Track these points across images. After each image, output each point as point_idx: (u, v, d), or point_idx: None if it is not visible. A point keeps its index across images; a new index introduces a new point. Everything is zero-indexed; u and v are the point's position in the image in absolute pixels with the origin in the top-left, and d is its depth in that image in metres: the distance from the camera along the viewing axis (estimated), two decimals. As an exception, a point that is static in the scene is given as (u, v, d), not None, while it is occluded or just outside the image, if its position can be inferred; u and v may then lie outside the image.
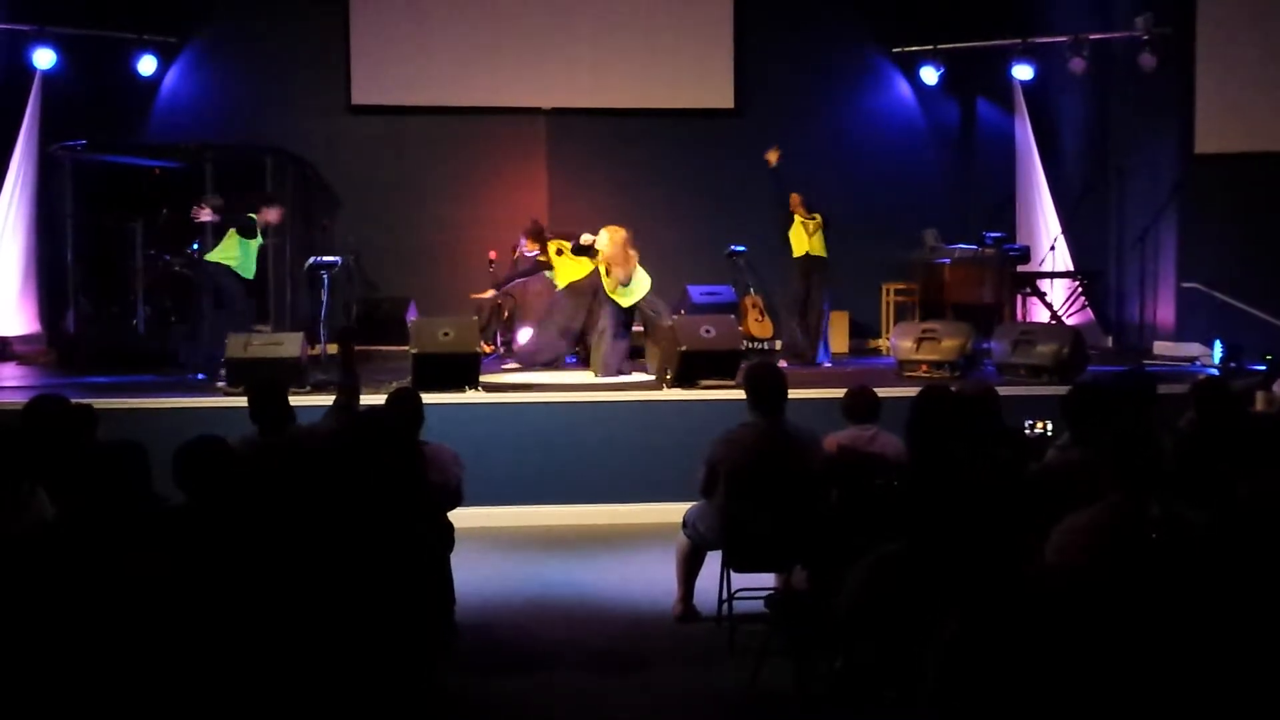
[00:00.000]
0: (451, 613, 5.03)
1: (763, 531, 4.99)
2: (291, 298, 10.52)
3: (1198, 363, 9.74)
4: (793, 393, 5.41)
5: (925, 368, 8.80)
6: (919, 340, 8.94)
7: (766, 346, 10.72)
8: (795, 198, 9.95)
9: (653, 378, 8.62)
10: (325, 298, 9.54)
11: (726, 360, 8.19)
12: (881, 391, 5.78)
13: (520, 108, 11.81)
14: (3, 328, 10.74)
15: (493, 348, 10.70)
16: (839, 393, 5.89)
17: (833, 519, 4.64)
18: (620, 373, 8.89)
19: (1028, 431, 5.40)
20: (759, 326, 10.92)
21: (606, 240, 8.93)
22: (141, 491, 3.79)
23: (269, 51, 11.64)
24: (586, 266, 9.59)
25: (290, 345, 8.10)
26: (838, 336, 11.18)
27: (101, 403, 6.29)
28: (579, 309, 9.59)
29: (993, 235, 11.16)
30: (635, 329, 9.37)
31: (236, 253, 9.00)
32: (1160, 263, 10.84)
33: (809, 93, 12.17)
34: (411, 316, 9.91)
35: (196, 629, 3.37)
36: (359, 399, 5.64)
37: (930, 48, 11.80)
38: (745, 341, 9.61)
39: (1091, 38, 11.09)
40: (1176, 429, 5.13)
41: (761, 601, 4.79)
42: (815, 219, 9.90)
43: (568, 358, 10.26)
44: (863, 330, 11.78)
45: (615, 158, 11.77)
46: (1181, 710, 3.04)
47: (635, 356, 9.37)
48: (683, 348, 8.07)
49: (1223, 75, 10.48)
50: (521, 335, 10.60)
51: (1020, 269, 11.24)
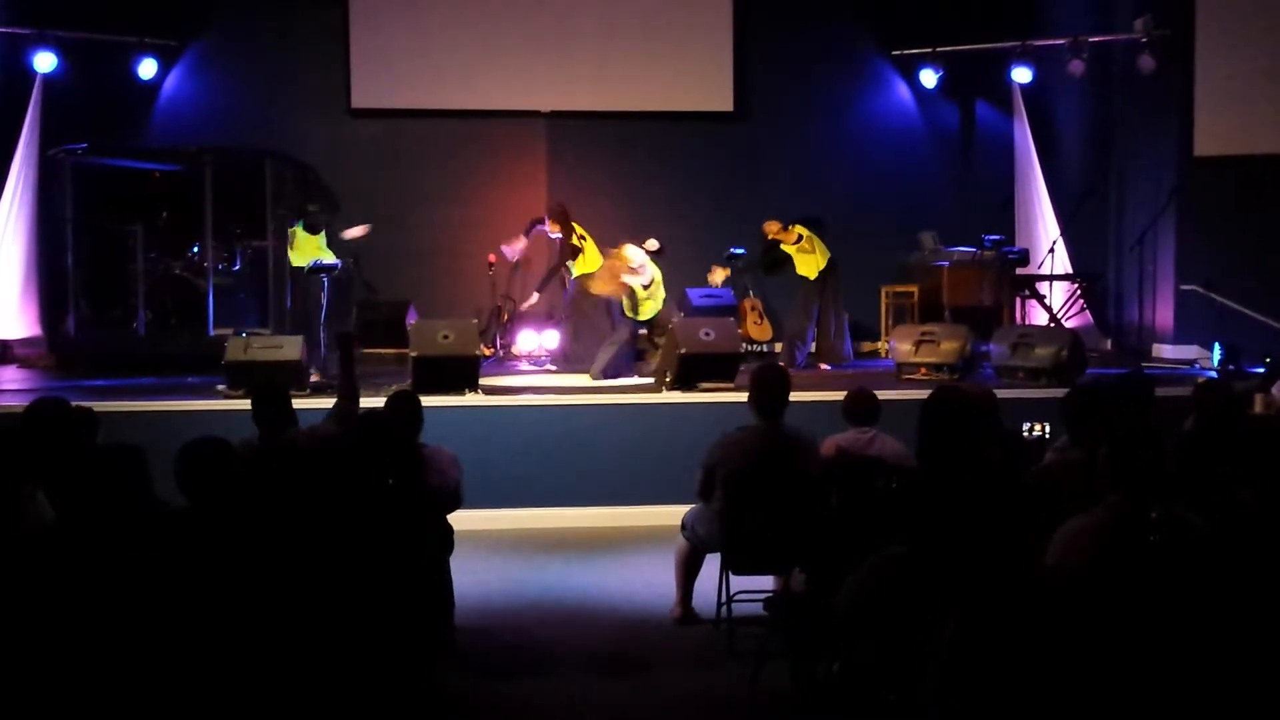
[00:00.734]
0: (450, 615, 5.04)
1: (761, 534, 5.00)
2: (291, 301, 10.52)
3: (1197, 365, 9.74)
4: (793, 395, 5.43)
5: (924, 370, 8.80)
6: (918, 343, 8.94)
7: (765, 349, 10.73)
8: (770, 226, 9.85)
9: (649, 382, 8.61)
10: (325, 301, 9.55)
11: (725, 363, 8.19)
12: (880, 394, 5.79)
13: (520, 111, 11.81)
14: (3, 331, 10.74)
15: (492, 350, 10.70)
16: (839, 395, 5.91)
17: (831, 521, 4.64)
18: (618, 376, 8.89)
19: (1026, 434, 5.40)
20: (758, 329, 10.92)
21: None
22: (141, 495, 3.80)
23: (269, 55, 11.65)
24: (597, 260, 9.59)
25: (290, 348, 8.12)
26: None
27: (102, 406, 6.29)
28: (599, 303, 9.61)
29: (992, 238, 11.16)
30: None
31: (314, 249, 9.13)
32: (1159, 265, 10.84)
33: (808, 95, 12.17)
34: (411, 319, 9.91)
35: (197, 631, 3.38)
36: (359, 402, 5.65)
37: (929, 50, 11.81)
38: (744, 344, 9.61)
39: (1091, 40, 11.09)
40: (1179, 431, 5.13)
41: (760, 604, 4.80)
42: (794, 229, 9.85)
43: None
44: (861, 333, 11.77)
45: (615, 161, 11.77)
46: (1181, 712, 3.05)
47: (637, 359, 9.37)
48: (681, 350, 8.07)
49: (1222, 77, 10.49)
50: (549, 339, 10.54)
51: (1019, 271, 11.24)
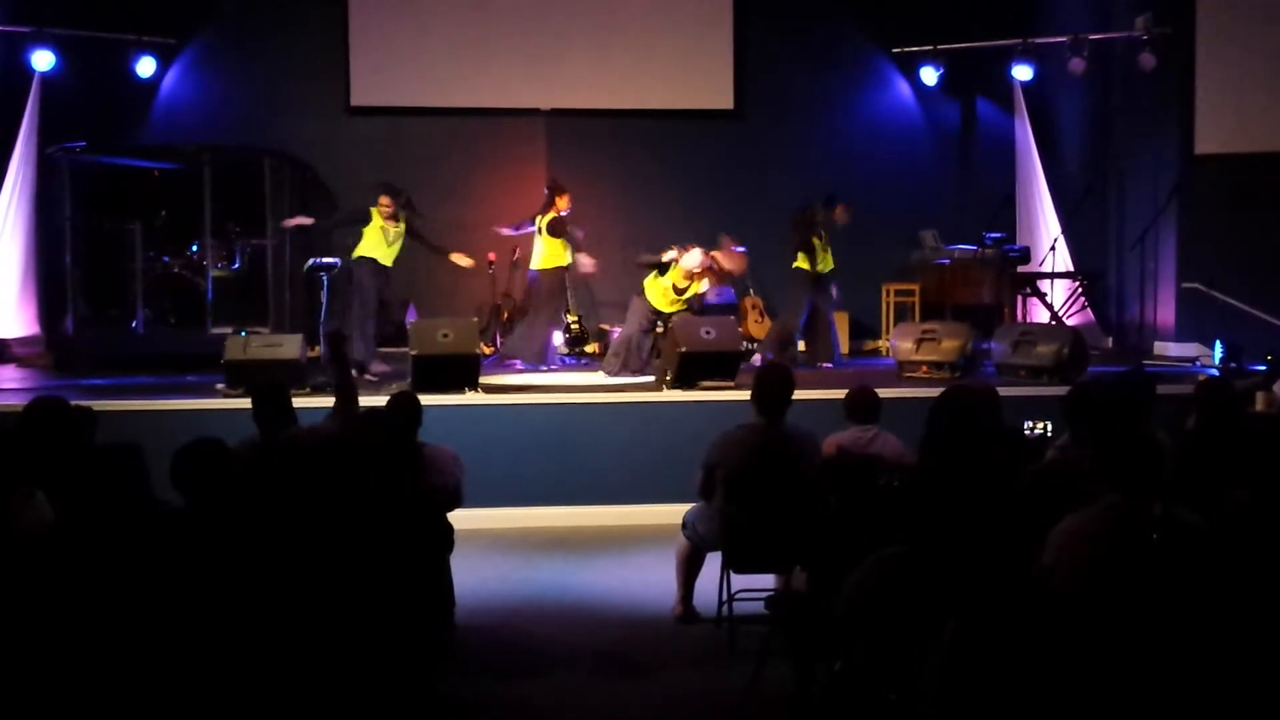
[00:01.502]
0: (451, 614, 5.03)
1: (762, 532, 4.99)
2: (290, 299, 10.51)
3: (1198, 363, 9.73)
4: (795, 394, 5.41)
5: (925, 368, 8.79)
6: (919, 341, 8.93)
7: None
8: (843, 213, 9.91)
9: (650, 380, 8.60)
10: (324, 299, 9.54)
11: (726, 362, 8.18)
12: (882, 392, 5.79)
13: (519, 109, 11.81)
14: (1, 330, 10.73)
15: (492, 349, 10.69)
16: (840, 393, 5.90)
17: (832, 520, 4.63)
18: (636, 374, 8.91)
19: (1028, 432, 5.39)
20: (759, 328, 10.91)
21: (696, 260, 8.90)
22: (139, 494, 3.79)
23: (268, 53, 11.64)
24: (558, 255, 9.63)
25: (290, 347, 8.11)
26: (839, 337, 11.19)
27: (100, 405, 6.27)
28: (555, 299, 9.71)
29: (993, 236, 11.17)
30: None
31: (373, 242, 9.19)
32: (1160, 263, 10.83)
33: (809, 93, 12.17)
34: (411, 318, 9.90)
35: (196, 631, 3.37)
36: (356, 400, 5.62)
37: (930, 48, 11.81)
38: (745, 343, 9.60)
39: (1091, 38, 11.09)
40: (1180, 429, 5.12)
41: (761, 602, 4.78)
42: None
43: (566, 358, 10.25)
44: (863, 331, 11.78)
45: (615, 159, 11.76)
46: (1180, 711, 3.04)
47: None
48: (682, 349, 8.05)
49: (1222, 75, 10.47)
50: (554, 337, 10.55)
51: (1020, 269, 11.24)
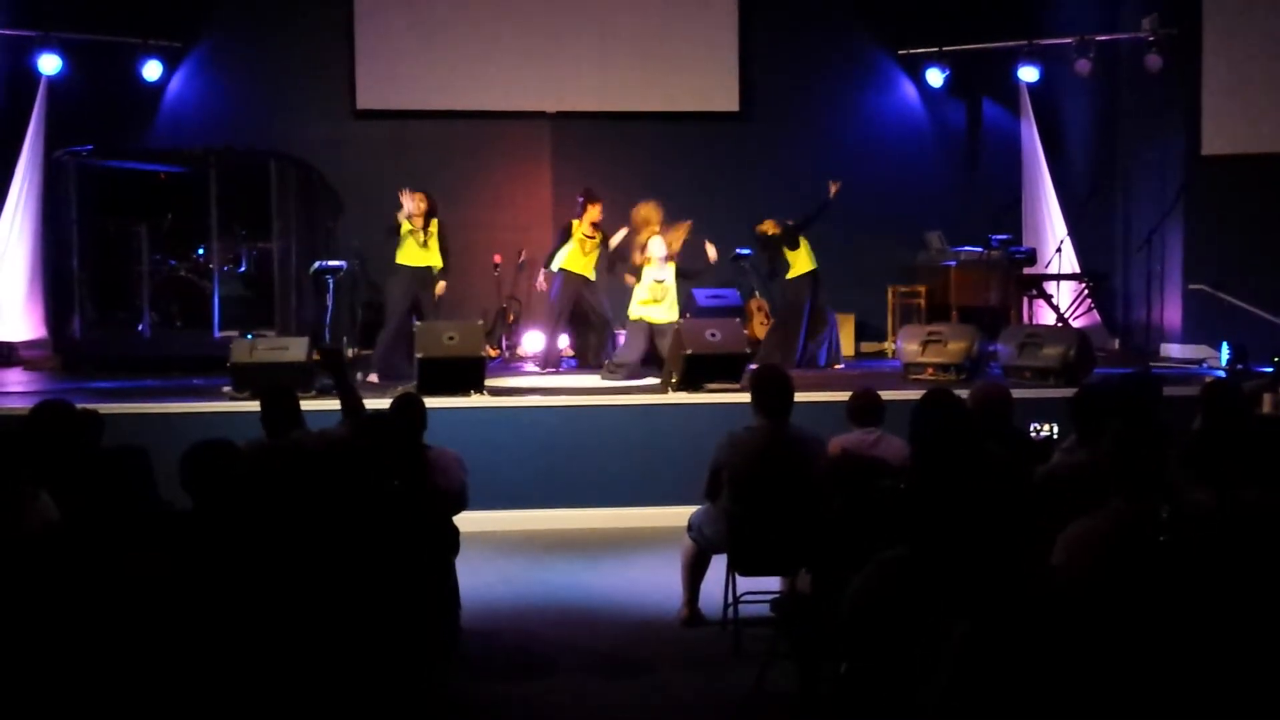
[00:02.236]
0: (456, 617, 5.03)
1: (767, 535, 4.98)
2: (297, 302, 10.52)
3: (1205, 365, 9.71)
4: (798, 395, 5.40)
5: (931, 370, 8.78)
6: (925, 343, 8.93)
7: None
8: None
9: (655, 383, 8.60)
10: (330, 302, 9.55)
11: (731, 363, 8.17)
12: (887, 394, 5.78)
13: (525, 111, 11.82)
14: (9, 333, 10.77)
15: (498, 351, 10.70)
16: (844, 396, 5.89)
17: (837, 522, 4.62)
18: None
19: (1034, 434, 5.38)
20: (764, 330, 10.90)
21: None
22: (145, 495, 3.79)
23: (273, 56, 11.67)
24: (579, 260, 9.66)
25: (296, 349, 8.11)
26: (843, 339, 11.18)
27: (107, 408, 6.30)
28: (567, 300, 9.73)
29: (999, 237, 11.15)
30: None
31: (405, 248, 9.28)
32: (1167, 264, 10.82)
33: (814, 95, 12.17)
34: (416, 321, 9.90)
35: (202, 632, 3.37)
36: (361, 407, 5.61)
37: (936, 50, 11.80)
38: (750, 345, 9.59)
39: (1097, 39, 11.09)
40: (1187, 431, 5.10)
41: (767, 605, 4.78)
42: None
43: (572, 360, 10.25)
44: (868, 333, 11.77)
45: (620, 161, 11.77)
46: (1189, 712, 3.03)
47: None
48: (687, 351, 8.05)
49: (1229, 76, 10.46)
50: (531, 341, 10.61)
51: (1026, 271, 11.23)
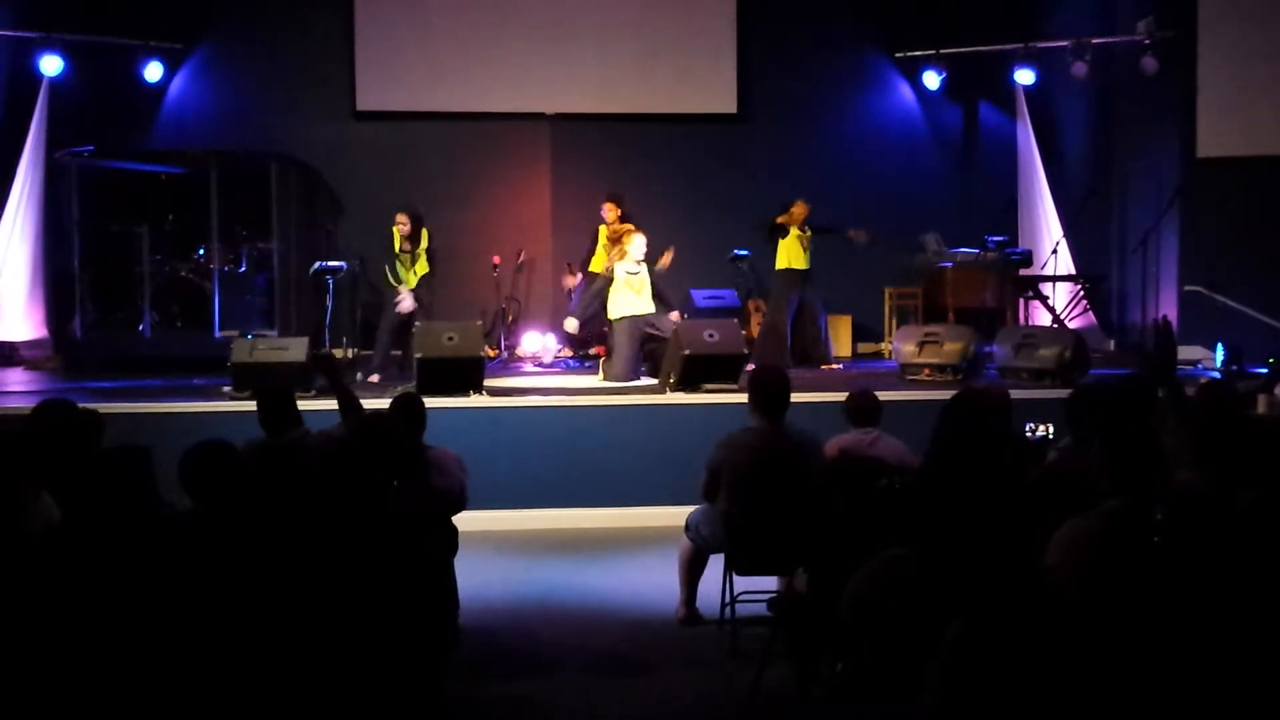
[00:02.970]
0: (455, 616, 5.04)
1: (765, 535, 5.01)
2: (297, 303, 10.55)
3: (1200, 366, 9.75)
4: (795, 396, 5.43)
5: (928, 371, 8.81)
6: (921, 344, 8.96)
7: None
8: (802, 209, 9.96)
9: (653, 383, 8.63)
10: (330, 303, 9.57)
11: (729, 364, 8.20)
12: (884, 395, 5.81)
13: (524, 113, 11.85)
14: (10, 333, 10.78)
15: (497, 352, 10.73)
16: (841, 396, 5.92)
17: (835, 522, 4.65)
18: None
19: (1030, 435, 5.41)
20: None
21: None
22: (146, 495, 3.81)
23: (274, 58, 11.69)
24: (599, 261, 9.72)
25: (296, 350, 8.14)
26: (840, 340, 11.22)
27: (108, 408, 6.32)
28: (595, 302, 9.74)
29: (995, 239, 11.18)
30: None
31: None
32: (1162, 266, 10.85)
33: (812, 97, 12.20)
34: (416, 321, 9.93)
35: (201, 632, 3.40)
36: (359, 410, 5.63)
37: (933, 52, 11.83)
38: (748, 346, 9.62)
39: (1093, 42, 11.11)
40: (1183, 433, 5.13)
41: (764, 604, 4.81)
42: (806, 233, 9.98)
43: (570, 360, 10.28)
44: (865, 334, 11.80)
45: (619, 163, 11.79)
46: (1185, 713, 3.06)
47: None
48: (686, 351, 8.08)
49: (1224, 79, 10.50)
50: (530, 341, 10.66)
51: (1022, 273, 11.26)
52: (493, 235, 11.36)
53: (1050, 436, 5.34)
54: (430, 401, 5.72)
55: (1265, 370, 8.26)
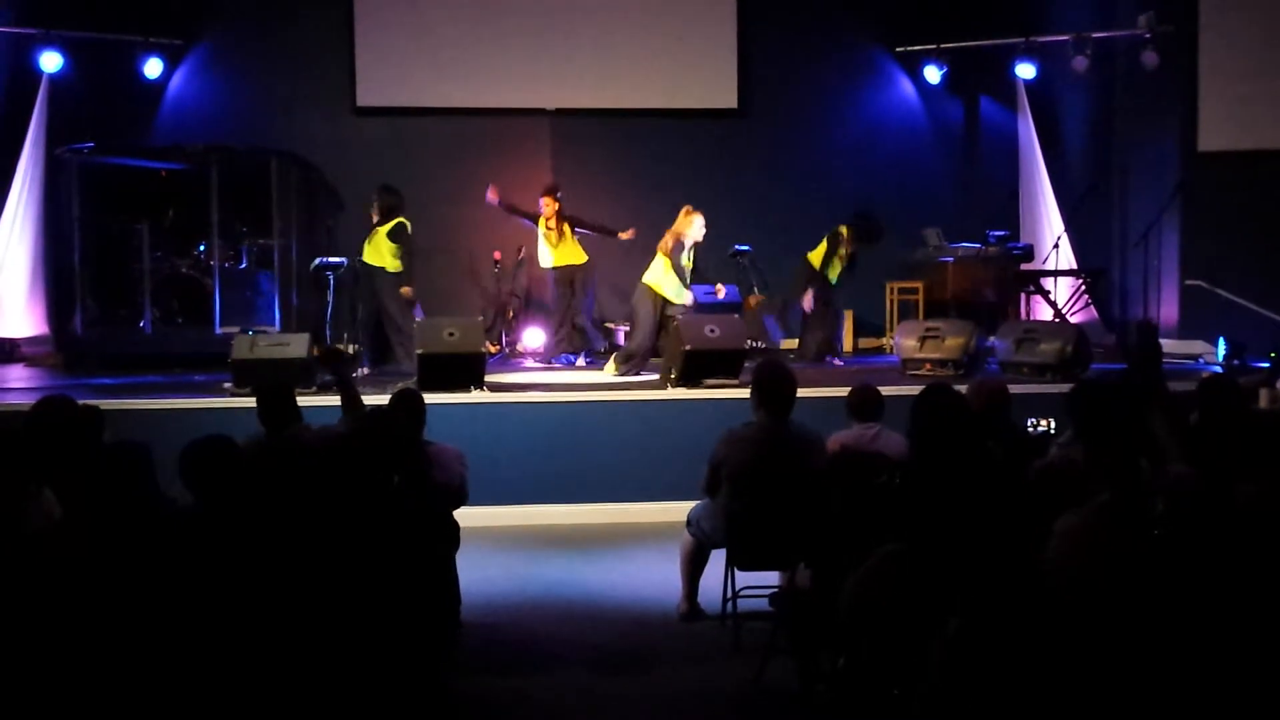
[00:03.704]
0: (456, 611, 5.05)
1: (766, 530, 5.01)
2: (297, 299, 10.55)
3: (1201, 360, 9.74)
4: (798, 391, 5.43)
5: (929, 366, 8.81)
6: (922, 339, 8.95)
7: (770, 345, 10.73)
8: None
9: (654, 378, 8.63)
10: (331, 299, 9.57)
11: (731, 359, 8.20)
12: (885, 390, 5.81)
13: (524, 109, 11.84)
14: (10, 330, 10.78)
15: (498, 347, 10.73)
16: (843, 391, 5.92)
17: (836, 517, 4.65)
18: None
19: (1031, 429, 5.41)
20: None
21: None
22: (146, 492, 3.81)
23: (274, 54, 11.68)
24: (575, 253, 9.78)
25: (296, 346, 8.14)
26: (842, 335, 11.21)
27: (108, 404, 6.32)
28: (563, 297, 9.86)
29: (996, 234, 11.17)
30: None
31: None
32: (1163, 260, 10.83)
33: (812, 92, 12.19)
34: (417, 317, 9.94)
35: (203, 628, 3.40)
36: (360, 405, 5.64)
37: (933, 47, 11.82)
38: (749, 341, 9.62)
39: (1094, 36, 11.10)
40: (1184, 427, 5.12)
41: (766, 600, 4.81)
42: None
43: (566, 357, 10.26)
44: (866, 328, 11.79)
45: (620, 158, 11.79)
46: (1182, 708, 3.06)
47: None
48: (687, 347, 8.08)
49: (1225, 73, 10.49)
50: (531, 337, 10.67)
51: (1023, 267, 11.25)
52: (494, 231, 11.35)
53: (1051, 431, 5.34)
54: (431, 397, 5.73)
55: (1267, 364, 8.24)
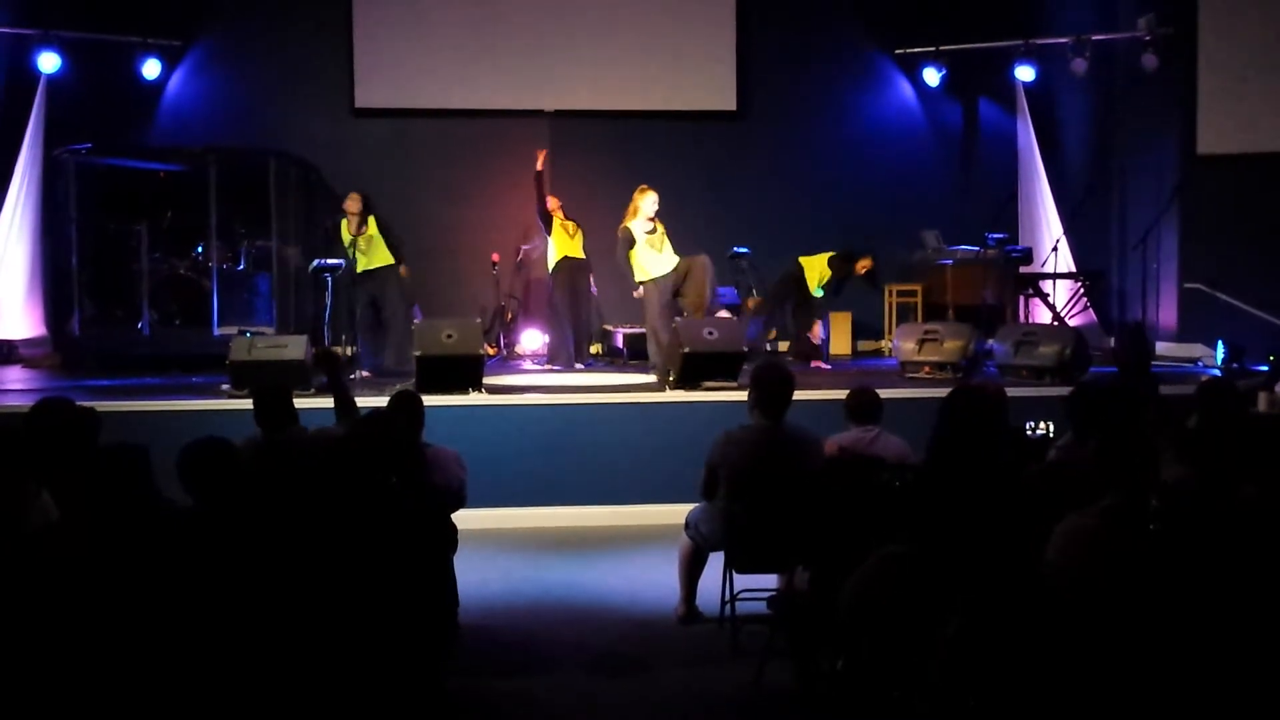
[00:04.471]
0: (454, 614, 5.04)
1: (764, 532, 5.00)
2: (295, 300, 10.54)
3: (1200, 363, 9.74)
4: (796, 394, 5.43)
5: (928, 369, 8.81)
6: (921, 341, 8.96)
7: (770, 348, 10.73)
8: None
9: (652, 381, 8.63)
10: (329, 300, 9.57)
11: (729, 362, 8.19)
12: (884, 393, 5.80)
13: (523, 110, 11.84)
14: (8, 331, 10.78)
15: (496, 350, 10.72)
16: (842, 394, 5.91)
17: (834, 519, 4.65)
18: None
19: (1030, 432, 5.41)
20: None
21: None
22: (144, 493, 3.81)
23: (273, 55, 11.69)
24: (574, 248, 9.79)
25: (294, 348, 8.13)
26: (840, 338, 11.22)
27: (106, 406, 6.31)
28: (568, 296, 9.84)
29: (995, 236, 11.18)
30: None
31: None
32: (1162, 263, 10.85)
33: (811, 94, 12.19)
34: (415, 319, 9.94)
35: (201, 630, 3.39)
36: (355, 409, 5.63)
37: (932, 49, 11.83)
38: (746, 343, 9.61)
39: (1093, 39, 11.11)
40: (1183, 430, 5.12)
41: (764, 602, 4.80)
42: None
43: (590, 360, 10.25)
44: (865, 331, 11.80)
45: (618, 160, 11.79)
46: (1182, 708, 3.06)
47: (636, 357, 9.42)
48: (685, 349, 8.07)
49: (1224, 76, 10.50)
50: (529, 339, 10.66)
51: (1022, 270, 11.26)
52: (491, 232, 11.36)
53: (1050, 434, 5.34)
54: (429, 399, 5.71)
55: (1266, 367, 8.24)
